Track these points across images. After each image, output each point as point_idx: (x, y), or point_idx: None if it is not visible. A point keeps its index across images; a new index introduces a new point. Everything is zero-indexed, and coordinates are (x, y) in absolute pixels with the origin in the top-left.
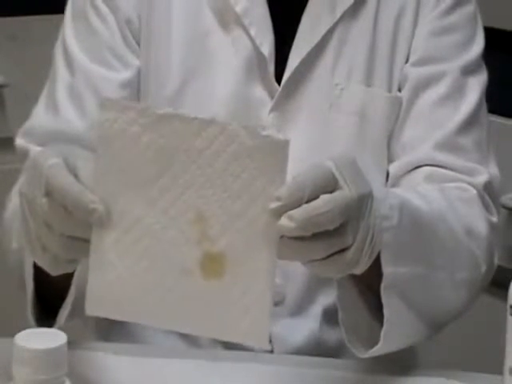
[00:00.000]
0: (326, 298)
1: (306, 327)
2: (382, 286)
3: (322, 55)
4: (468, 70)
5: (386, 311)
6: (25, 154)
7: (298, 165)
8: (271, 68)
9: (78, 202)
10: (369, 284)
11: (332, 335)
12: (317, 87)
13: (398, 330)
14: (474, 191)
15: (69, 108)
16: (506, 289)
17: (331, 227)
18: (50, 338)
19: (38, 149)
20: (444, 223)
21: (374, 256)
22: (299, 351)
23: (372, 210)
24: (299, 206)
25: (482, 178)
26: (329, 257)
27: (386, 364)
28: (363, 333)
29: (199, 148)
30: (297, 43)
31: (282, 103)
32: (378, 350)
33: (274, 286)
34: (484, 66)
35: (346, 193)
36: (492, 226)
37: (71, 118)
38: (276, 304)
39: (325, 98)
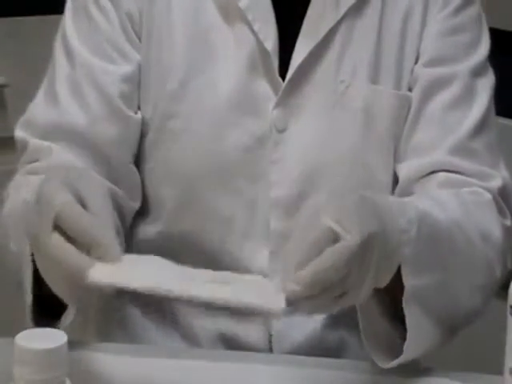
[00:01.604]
0: None
1: (307, 326)
2: (404, 298)
3: (326, 51)
4: (477, 72)
5: (408, 322)
6: (24, 146)
7: (303, 160)
8: (275, 63)
9: (97, 243)
10: (387, 292)
11: (333, 335)
12: (321, 83)
13: (418, 340)
14: (489, 196)
15: (69, 100)
16: (506, 289)
17: (337, 278)
18: (51, 338)
19: (38, 164)
20: (460, 230)
21: (395, 269)
22: (300, 349)
23: (379, 246)
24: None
25: (495, 183)
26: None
27: None
28: (383, 341)
29: None
30: (301, 39)
31: (287, 99)
32: (399, 360)
33: None
34: (490, 68)
35: (348, 243)
36: (506, 231)
37: (72, 111)
38: None
39: (330, 94)
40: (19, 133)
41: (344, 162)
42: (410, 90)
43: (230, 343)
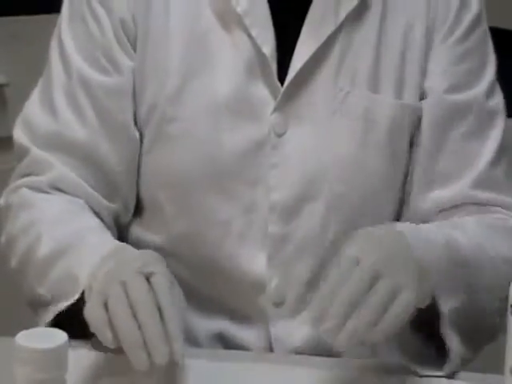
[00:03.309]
0: None
1: (304, 330)
2: (441, 323)
3: (326, 57)
4: (489, 92)
5: (449, 344)
6: (24, 152)
7: (302, 165)
8: (273, 68)
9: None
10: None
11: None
12: (321, 89)
13: (451, 359)
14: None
15: (67, 112)
16: None
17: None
18: (51, 338)
19: (68, 197)
20: (483, 253)
21: (430, 297)
22: (298, 352)
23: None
24: None
25: None
26: None
27: (387, 364)
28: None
29: None
30: (301, 44)
31: (286, 103)
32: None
33: None
34: (497, 82)
35: (407, 299)
36: None
37: (70, 123)
38: (276, 305)
39: (329, 101)
40: (19, 135)
41: (342, 168)
42: (421, 98)
43: (230, 346)
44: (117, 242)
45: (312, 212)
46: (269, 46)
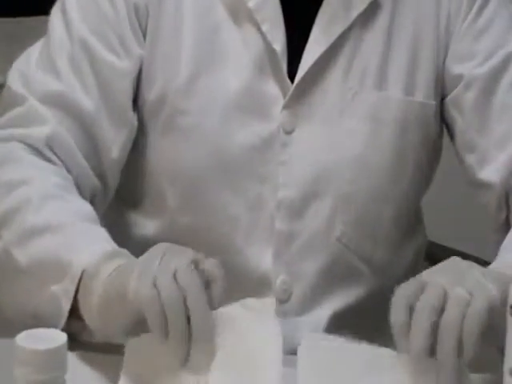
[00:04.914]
0: (336, 301)
1: (309, 328)
2: None
3: (336, 57)
4: None
5: None
6: (21, 100)
7: (311, 162)
8: (284, 65)
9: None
10: None
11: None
12: (330, 88)
13: None
14: None
15: (70, 75)
16: None
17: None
18: (51, 339)
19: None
20: None
21: None
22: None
23: None
24: None
25: None
26: None
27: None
28: None
29: None
30: (311, 42)
31: (295, 101)
32: None
33: None
34: None
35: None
36: None
37: (73, 86)
38: (282, 302)
39: (337, 100)
40: (16, 85)
41: (349, 168)
42: (444, 93)
43: None
44: (109, 238)
45: (318, 210)
46: (279, 43)
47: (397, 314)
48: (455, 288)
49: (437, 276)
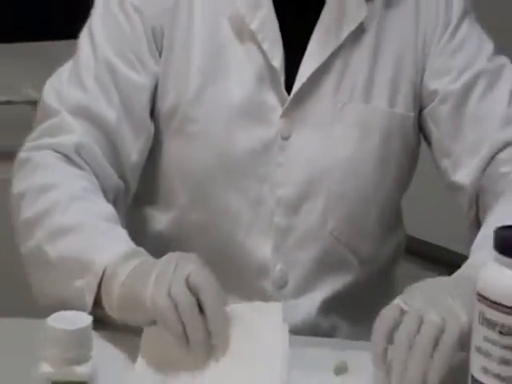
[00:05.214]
0: (327, 287)
1: (303, 310)
2: None
3: (327, 72)
4: (491, 57)
5: None
6: (54, 113)
7: (305, 165)
8: (282, 79)
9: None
10: None
11: (326, 322)
12: (322, 100)
13: None
14: None
15: (95, 89)
16: None
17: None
18: (77, 320)
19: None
20: None
21: None
22: (297, 332)
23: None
24: None
25: None
26: None
27: None
28: None
29: None
30: (306, 60)
31: (291, 110)
32: None
33: None
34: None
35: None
36: None
37: (98, 99)
38: (279, 287)
39: (329, 110)
40: (50, 99)
41: (340, 170)
42: (422, 106)
43: None
44: (128, 238)
45: (312, 209)
46: (278, 60)
47: (377, 342)
48: (429, 314)
49: (413, 301)
